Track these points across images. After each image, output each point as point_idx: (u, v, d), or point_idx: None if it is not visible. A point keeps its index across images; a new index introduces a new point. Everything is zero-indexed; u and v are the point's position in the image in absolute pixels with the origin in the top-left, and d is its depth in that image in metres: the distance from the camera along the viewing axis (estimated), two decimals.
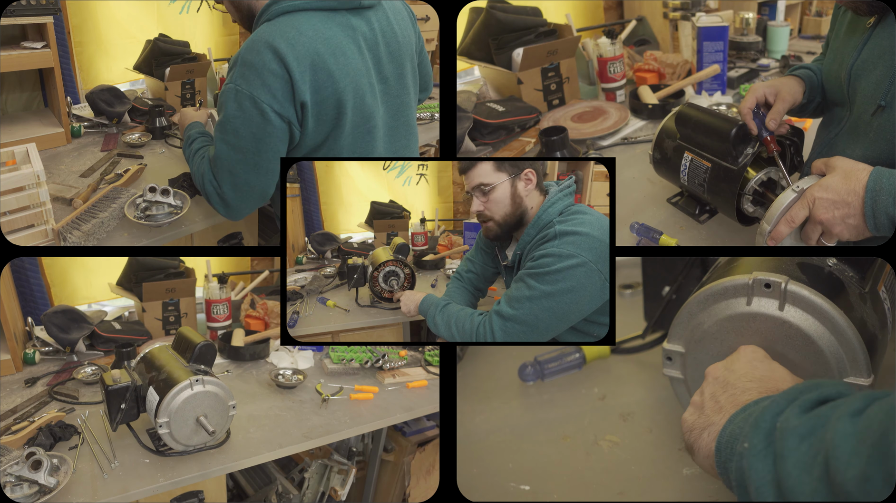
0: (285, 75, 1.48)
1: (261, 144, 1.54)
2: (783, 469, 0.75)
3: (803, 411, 0.80)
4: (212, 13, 2.72)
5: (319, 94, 1.52)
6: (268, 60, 1.48)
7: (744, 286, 1.08)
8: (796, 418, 0.79)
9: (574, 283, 1.33)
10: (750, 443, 0.81)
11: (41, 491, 1.38)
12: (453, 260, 2.67)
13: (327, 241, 2.86)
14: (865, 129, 1.30)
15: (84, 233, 1.68)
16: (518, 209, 1.47)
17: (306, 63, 1.49)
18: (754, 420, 0.84)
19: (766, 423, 0.82)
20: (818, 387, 0.84)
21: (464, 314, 1.50)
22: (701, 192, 1.50)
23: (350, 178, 3.07)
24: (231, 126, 1.53)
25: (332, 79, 1.52)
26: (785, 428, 0.78)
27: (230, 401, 1.54)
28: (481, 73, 2.40)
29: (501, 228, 1.48)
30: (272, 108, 1.49)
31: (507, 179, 1.46)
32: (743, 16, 2.62)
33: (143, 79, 2.59)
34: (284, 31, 1.50)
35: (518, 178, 1.46)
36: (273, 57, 1.47)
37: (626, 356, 1.53)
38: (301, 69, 1.49)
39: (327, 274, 2.60)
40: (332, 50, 1.53)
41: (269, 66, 1.47)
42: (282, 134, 1.53)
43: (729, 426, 0.89)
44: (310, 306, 2.27)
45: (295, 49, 1.48)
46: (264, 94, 1.48)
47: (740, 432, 0.86)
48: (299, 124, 1.54)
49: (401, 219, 2.97)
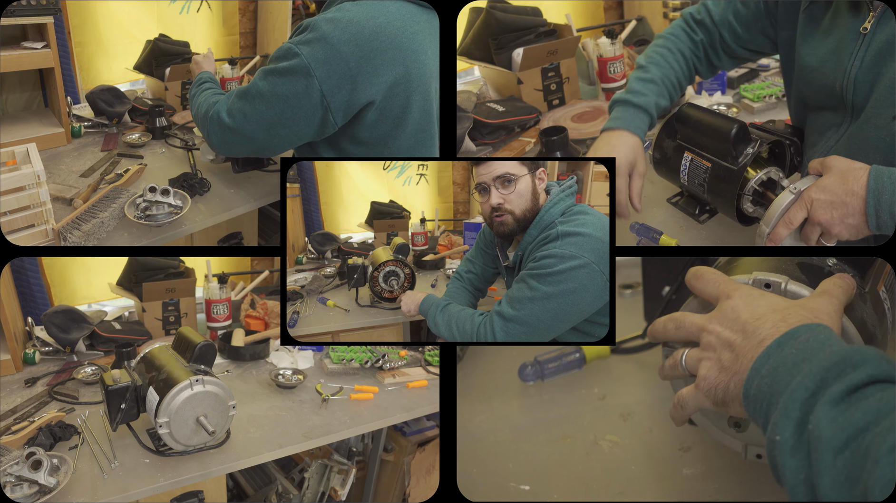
0: (356, 70, 1.42)
1: (286, 112, 1.46)
2: (819, 483, 0.71)
3: (836, 404, 0.74)
4: (211, 13, 2.72)
5: (390, 97, 1.47)
6: (345, 46, 1.40)
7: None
8: (829, 422, 0.73)
9: (576, 285, 1.32)
10: (781, 437, 0.76)
11: (41, 491, 1.38)
12: (453, 260, 2.67)
13: (327, 240, 2.86)
14: (880, 133, 1.26)
15: (84, 233, 1.68)
16: (535, 205, 1.45)
17: (386, 59, 1.44)
18: (783, 406, 0.78)
19: (796, 412, 0.76)
20: (855, 365, 0.77)
21: (464, 314, 1.49)
22: (701, 191, 1.50)
23: (350, 178, 3.07)
24: (273, 84, 1.45)
25: (407, 81, 1.48)
26: (818, 435, 0.72)
27: (230, 401, 1.54)
28: (481, 73, 2.40)
29: (518, 223, 1.45)
30: (321, 88, 1.42)
31: (528, 173, 1.45)
32: None
33: (144, 79, 2.59)
34: (373, 18, 1.44)
35: (535, 174, 1.46)
36: (353, 47, 1.41)
37: (626, 356, 1.53)
38: (376, 65, 1.43)
39: (327, 274, 2.60)
40: (416, 48, 1.48)
41: (344, 51, 1.41)
42: (311, 116, 1.46)
43: (755, 379, 0.84)
44: (310, 306, 2.27)
45: (379, 40, 1.42)
46: (323, 72, 1.41)
47: (768, 399, 0.81)
48: (349, 116, 1.48)
49: (401, 219, 2.97)
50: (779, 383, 0.81)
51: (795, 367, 0.81)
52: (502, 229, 1.47)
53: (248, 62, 2.73)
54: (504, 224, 1.46)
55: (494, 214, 1.46)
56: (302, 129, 1.49)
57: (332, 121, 1.47)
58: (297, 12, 2.75)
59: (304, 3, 2.76)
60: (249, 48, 2.88)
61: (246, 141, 1.56)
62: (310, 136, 1.51)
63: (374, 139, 1.53)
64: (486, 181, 1.46)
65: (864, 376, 0.75)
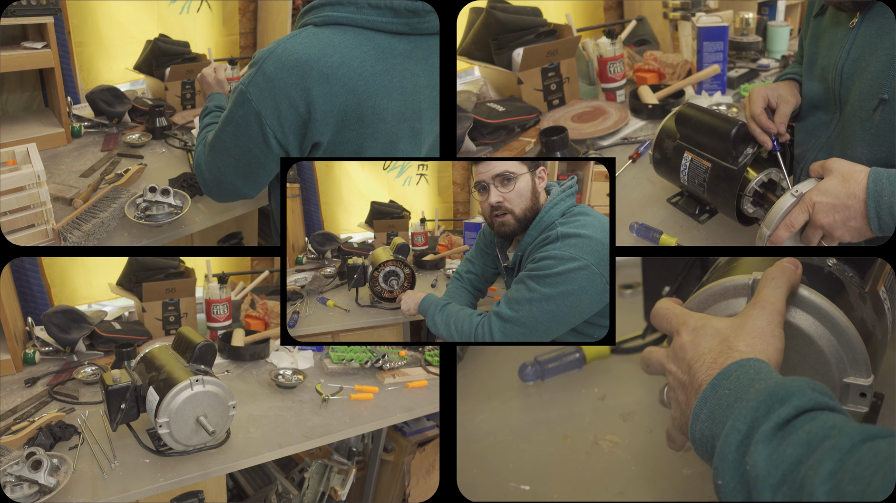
0: (304, 111, 1.34)
1: (253, 159, 1.44)
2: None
3: (768, 441, 0.75)
4: (211, 13, 2.72)
5: (339, 141, 1.39)
6: (290, 86, 1.32)
7: (744, 286, 1.08)
8: (764, 460, 0.74)
9: (575, 286, 1.32)
10: (722, 481, 0.78)
11: (41, 491, 1.38)
12: (453, 260, 2.67)
13: (327, 240, 2.86)
14: (865, 126, 1.29)
15: (84, 233, 1.69)
16: (535, 204, 1.43)
17: (336, 105, 1.34)
18: (720, 450, 0.79)
19: (732, 455, 0.77)
20: (782, 400, 0.78)
21: (463, 314, 1.49)
22: (701, 191, 1.50)
23: (350, 178, 3.07)
24: (230, 131, 1.44)
25: (361, 126, 1.37)
26: (756, 475, 0.74)
27: (230, 401, 1.54)
28: (481, 73, 2.40)
29: (519, 223, 1.43)
30: (275, 135, 1.38)
31: (527, 171, 1.44)
32: (743, 16, 2.62)
33: (144, 79, 2.59)
34: (326, 56, 1.32)
35: (535, 173, 1.45)
36: (300, 90, 1.32)
37: (626, 356, 1.53)
38: (325, 112, 1.33)
39: (327, 274, 2.60)
40: (376, 91, 1.36)
41: (290, 93, 1.33)
42: (276, 157, 1.43)
43: (697, 424, 0.86)
44: (310, 306, 2.27)
45: (329, 85, 1.32)
46: (272, 118, 1.36)
47: (710, 442, 0.83)
48: (303, 152, 1.43)
49: (401, 219, 2.97)
50: (717, 426, 0.83)
51: (729, 408, 0.82)
52: (503, 229, 1.46)
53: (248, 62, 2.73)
54: (505, 224, 1.45)
55: (494, 213, 1.45)
56: (270, 168, 1.47)
57: (292, 156, 1.44)
58: (297, 12, 2.75)
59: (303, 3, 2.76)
60: (249, 48, 2.88)
61: (227, 190, 1.55)
62: (276, 170, 1.49)
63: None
64: (485, 180, 1.45)
65: (791, 409, 0.77)
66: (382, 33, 1.38)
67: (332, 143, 1.39)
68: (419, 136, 1.50)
